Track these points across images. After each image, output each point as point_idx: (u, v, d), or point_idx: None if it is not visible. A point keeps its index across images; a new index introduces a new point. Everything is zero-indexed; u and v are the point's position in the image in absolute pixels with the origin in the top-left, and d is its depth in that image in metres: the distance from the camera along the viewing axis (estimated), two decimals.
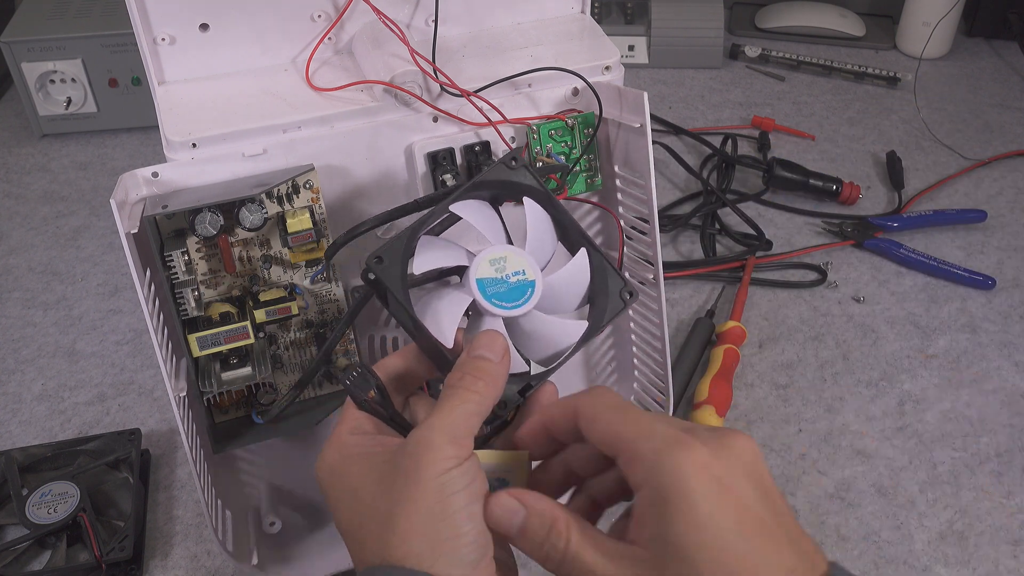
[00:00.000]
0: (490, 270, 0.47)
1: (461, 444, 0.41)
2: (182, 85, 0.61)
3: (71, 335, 0.88)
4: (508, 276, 0.47)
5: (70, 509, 0.67)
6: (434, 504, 0.39)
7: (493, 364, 0.44)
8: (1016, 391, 0.82)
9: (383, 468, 0.42)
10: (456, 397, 0.43)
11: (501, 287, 0.47)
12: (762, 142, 1.11)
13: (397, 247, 0.47)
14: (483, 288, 0.47)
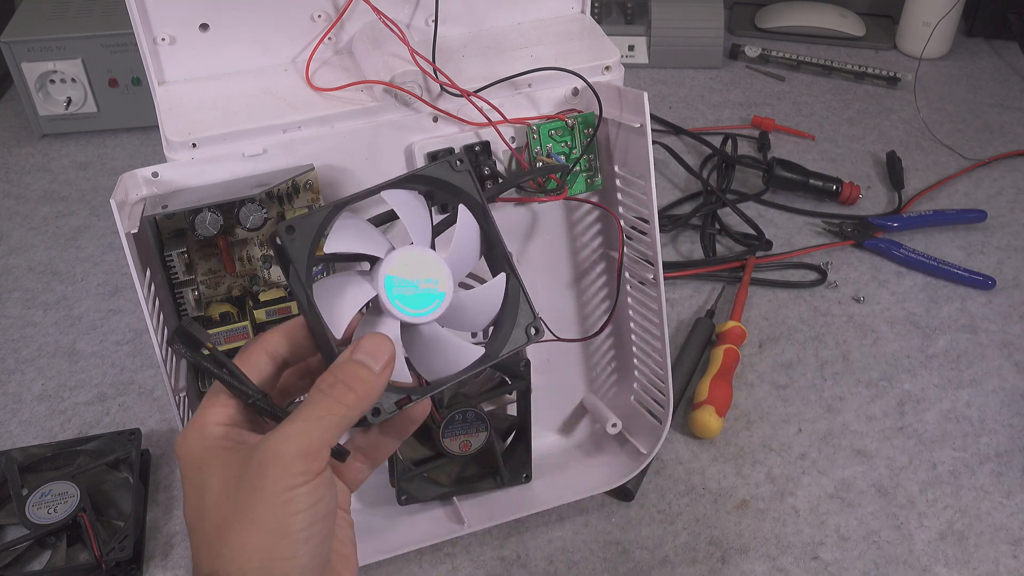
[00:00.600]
0: (403, 269, 0.44)
1: (314, 459, 0.39)
2: (182, 85, 0.61)
3: (71, 335, 0.88)
4: (419, 281, 0.45)
5: (70, 509, 0.67)
6: (274, 521, 0.38)
7: (371, 375, 0.41)
8: (1016, 391, 0.82)
9: (233, 471, 0.40)
10: (321, 406, 0.40)
11: (409, 290, 0.44)
12: (762, 142, 1.11)
13: (313, 221, 0.44)
14: (390, 286, 0.44)
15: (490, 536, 0.70)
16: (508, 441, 0.71)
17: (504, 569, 0.68)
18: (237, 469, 0.40)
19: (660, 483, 0.74)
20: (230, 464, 0.40)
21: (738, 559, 0.69)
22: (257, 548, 0.38)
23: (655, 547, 0.70)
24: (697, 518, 0.71)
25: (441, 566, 0.68)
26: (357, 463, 0.46)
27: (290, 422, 0.40)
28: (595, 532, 0.71)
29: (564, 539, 0.70)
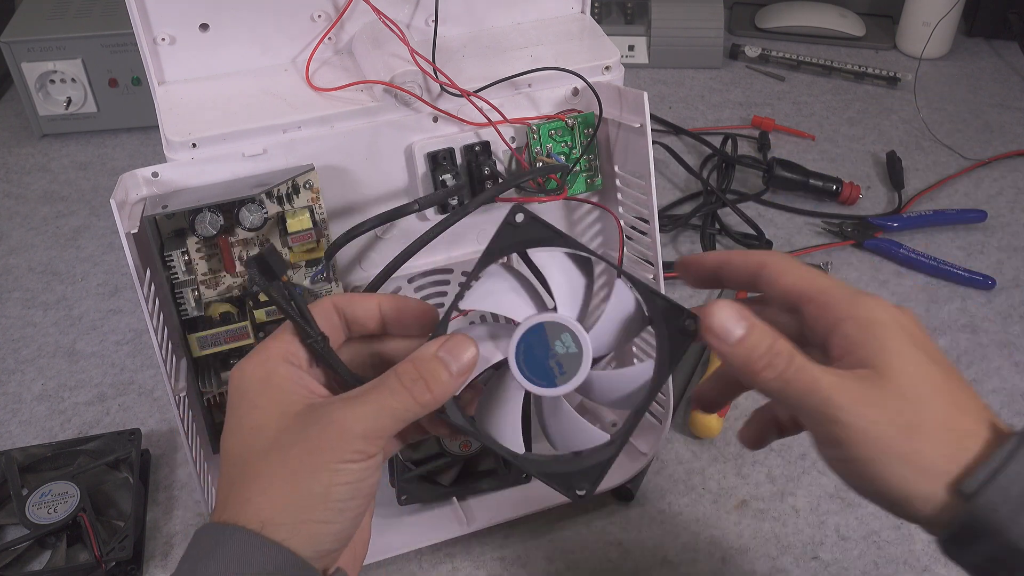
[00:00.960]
0: (540, 336, 0.43)
1: (373, 442, 0.40)
2: (182, 85, 0.61)
3: (71, 335, 0.88)
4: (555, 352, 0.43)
5: (70, 509, 0.67)
6: (318, 485, 0.39)
7: (450, 377, 0.41)
8: (1016, 391, 0.82)
9: (292, 420, 0.40)
10: (396, 396, 0.40)
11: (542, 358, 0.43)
12: (762, 142, 1.11)
13: (540, 231, 0.43)
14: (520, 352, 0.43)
15: (490, 536, 0.70)
16: None
17: (504, 569, 0.68)
18: (296, 420, 0.40)
19: (660, 483, 0.74)
20: (289, 410, 0.40)
21: (738, 559, 0.69)
22: (292, 504, 0.38)
23: (655, 547, 0.70)
24: (697, 518, 0.71)
25: (441, 566, 0.68)
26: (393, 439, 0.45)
27: (363, 402, 0.40)
28: (595, 532, 0.71)
29: (564, 539, 0.70)
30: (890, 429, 0.38)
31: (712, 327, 0.41)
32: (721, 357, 0.42)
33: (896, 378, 0.39)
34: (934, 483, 0.38)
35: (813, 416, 0.39)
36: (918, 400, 0.39)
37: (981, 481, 0.37)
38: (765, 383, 0.40)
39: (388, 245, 0.63)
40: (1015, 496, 0.37)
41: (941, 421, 0.39)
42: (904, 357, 0.40)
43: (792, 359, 0.40)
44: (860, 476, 0.39)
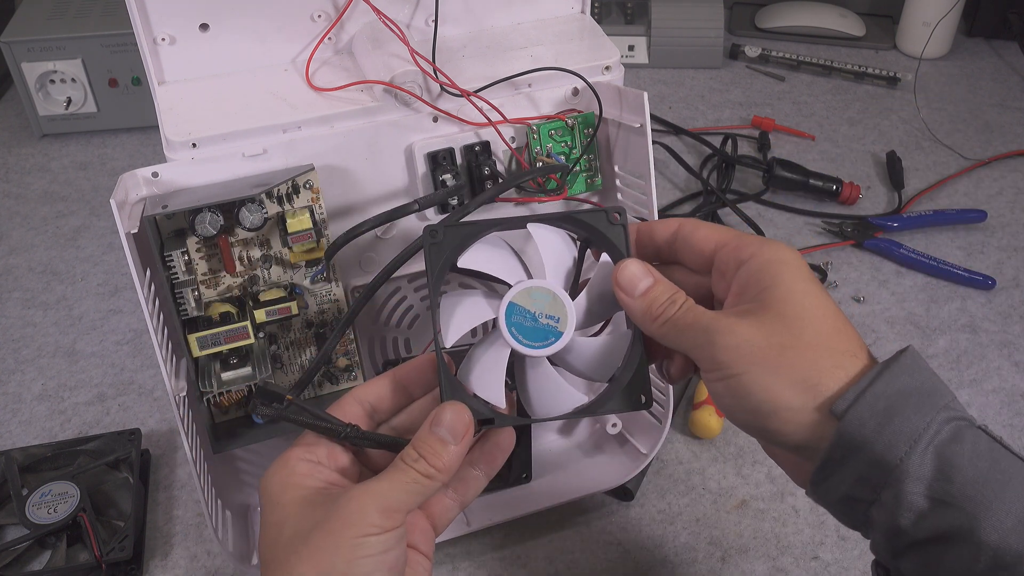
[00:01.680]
0: (528, 300, 0.46)
1: (391, 516, 0.42)
2: (182, 85, 0.61)
3: (71, 335, 0.88)
4: (542, 315, 0.46)
5: (70, 509, 0.67)
6: (340, 562, 0.40)
7: (451, 450, 0.43)
8: (1016, 391, 0.82)
9: (311, 509, 0.42)
10: (407, 476, 0.43)
11: (528, 321, 0.46)
12: (762, 142, 1.11)
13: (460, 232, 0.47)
14: (511, 312, 0.46)
15: (490, 536, 0.70)
16: None
17: (504, 569, 0.68)
18: (318, 512, 0.42)
19: (660, 483, 0.74)
20: (311, 505, 0.43)
21: (738, 559, 0.69)
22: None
23: (655, 547, 0.70)
24: (697, 518, 0.71)
25: (441, 566, 0.68)
26: (446, 499, 0.48)
27: (377, 480, 0.43)
28: (595, 532, 0.71)
29: (564, 539, 0.70)
30: (763, 345, 0.41)
31: (620, 281, 0.45)
32: (626, 308, 0.45)
33: (778, 305, 0.42)
34: (803, 395, 0.40)
35: (695, 346, 0.43)
36: (797, 323, 0.41)
37: (850, 400, 0.39)
38: (659, 327, 0.44)
39: (388, 245, 0.63)
40: (880, 410, 0.39)
41: (817, 343, 0.41)
42: (794, 289, 0.42)
43: (685, 302, 0.44)
44: (734, 393, 0.41)
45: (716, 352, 0.41)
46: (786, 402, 0.40)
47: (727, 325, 0.42)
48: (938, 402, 0.39)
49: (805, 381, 0.40)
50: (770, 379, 0.40)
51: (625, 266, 0.45)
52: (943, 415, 0.39)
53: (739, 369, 0.41)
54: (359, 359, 0.64)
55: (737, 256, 0.44)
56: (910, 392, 0.39)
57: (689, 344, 0.43)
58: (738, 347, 0.41)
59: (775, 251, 0.43)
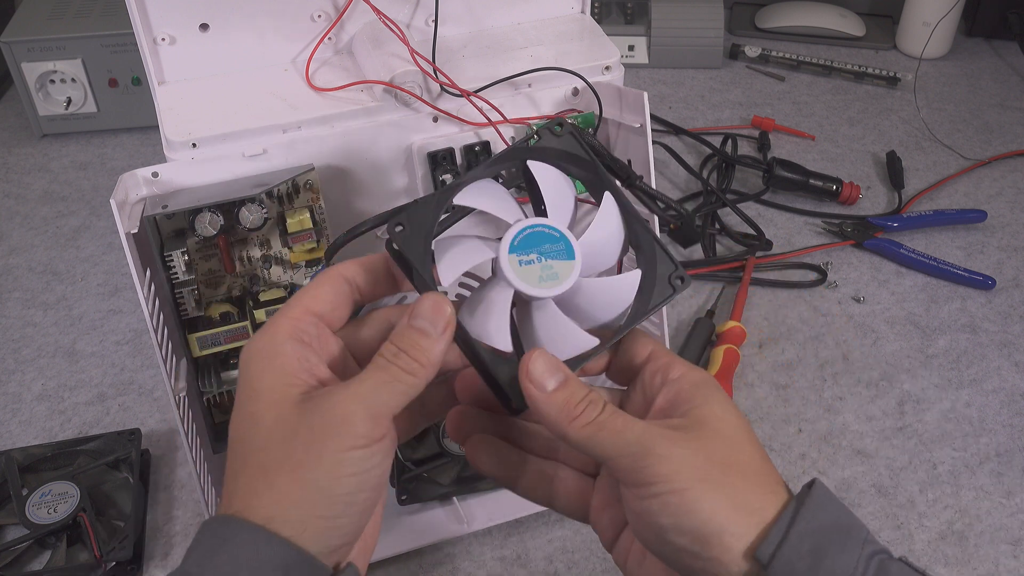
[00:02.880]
0: (530, 240, 0.43)
1: (378, 423, 0.38)
2: (182, 85, 0.61)
3: (71, 335, 0.88)
4: (545, 256, 0.43)
5: (70, 509, 0.67)
6: (323, 478, 0.37)
7: (432, 342, 0.40)
8: (1016, 391, 0.82)
9: (291, 409, 0.38)
10: (387, 374, 0.39)
11: (532, 263, 0.43)
12: (762, 142, 1.11)
13: (424, 215, 0.42)
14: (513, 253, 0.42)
15: (490, 536, 0.70)
16: None
17: (504, 569, 0.68)
18: (301, 415, 0.38)
19: None
20: (294, 405, 0.38)
21: None
22: (299, 501, 0.37)
23: None
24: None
25: (441, 566, 0.68)
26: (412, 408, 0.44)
27: (359, 381, 0.39)
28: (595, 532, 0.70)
29: (564, 539, 0.70)
30: (707, 463, 0.38)
31: (530, 376, 0.40)
32: (535, 406, 0.41)
33: (715, 425, 0.39)
34: (747, 519, 0.38)
35: (626, 455, 0.39)
36: (736, 445, 0.39)
37: (775, 543, 0.37)
38: (577, 431, 0.40)
39: None
40: (807, 552, 0.37)
41: (754, 467, 0.39)
42: (728, 411, 0.40)
43: (605, 406, 0.40)
44: (672, 511, 0.38)
45: (654, 464, 0.38)
46: (732, 525, 0.37)
47: (665, 436, 0.39)
48: (859, 537, 0.38)
49: (747, 505, 0.38)
50: (716, 497, 0.38)
51: (535, 357, 0.41)
52: (867, 550, 0.38)
53: (681, 484, 0.37)
54: None
55: (665, 372, 0.42)
56: (830, 529, 0.37)
57: (616, 452, 0.39)
58: (680, 459, 0.38)
59: (703, 375, 0.42)
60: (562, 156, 0.46)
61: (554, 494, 0.45)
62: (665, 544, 0.39)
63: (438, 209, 0.44)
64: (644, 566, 0.43)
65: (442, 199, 0.44)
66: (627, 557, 0.44)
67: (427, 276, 0.42)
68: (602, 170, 0.46)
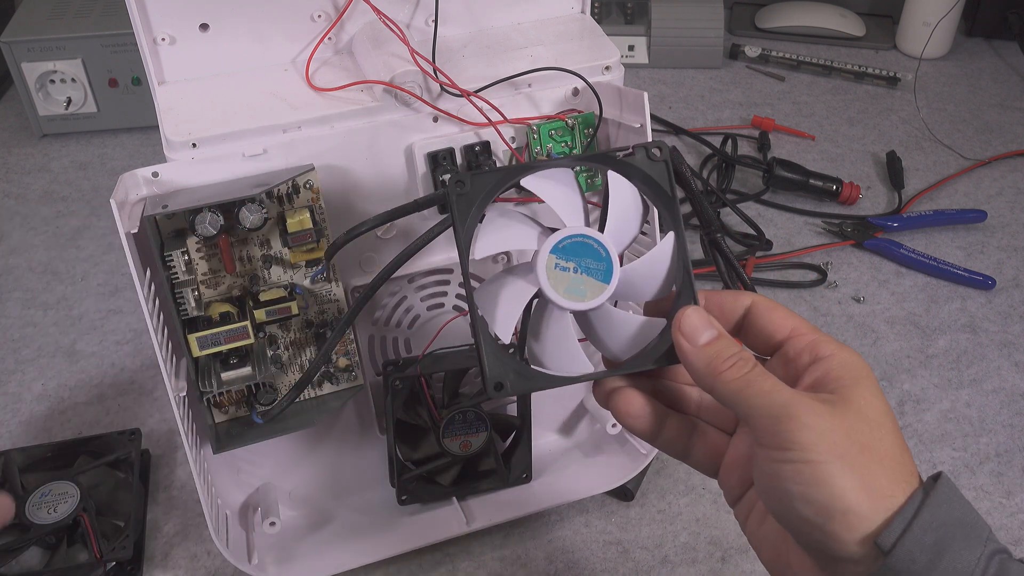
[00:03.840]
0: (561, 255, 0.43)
1: None
2: (182, 85, 0.61)
3: (71, 335, 0.88)
4: (581, 263, 0.43)
5: (70, 509, 0.67)
6: None
7: None
8: (1016, 391, 0.82)
9: None
10: None
11: (572, 275, 0.43)
12: (762, 142, 1.11)
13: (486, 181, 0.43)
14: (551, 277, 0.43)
15: (490, 536, 0.70)
16: (508, 441, 0.71)
17: (504, 569, 0.68)
18: None
19: (660, 483, 0.74)
20: None
21: (738, 559, 0.68)
22: None
23: (655, 547, 0.70)
24: (697, 518, 0.71)
25: (441, 566, 0.68)
26: None
27: None
28: (595, 532, 0.71)
29: (564, 539, 0.70)
30: (847, 440, 0.38)
31: (683, 328, 0.42)
32: (684, 357, 0.42)
33: (862, 408, 0.40)
34: (875, 503, 0.37)
35: (769, 416, 0.39)
36: (879, 429, 0.39)
37: (898, 533, 0.37)
38: (725, 384, 0.41)
39: (388, 245, 0.63)
40: (929, 545, 0.37)
41: (893, 454, 0.39)
42: (874, 397, 0.40)
43: (756, 365, 0.41)
44: (806, 479, 0.38)
45: (795, 430, 0.38)
46: (859, 506, 0.37)
47: (811, 406, 0.39)
48: (981, 535, 0.37)
49: (879, 490, 0.38)
50: (849, 476, 0.38)
51: (689, 311, 0.42)
52: (988, 548, 0.37)
53: (820, 456, 0.38)
54: (359, 359, 0.64)
55: (815, 350, 0.42)
56: (954, 524, 0.37)
57: (758, 412, 0.40)
58: (822, 432, 0.38)
59: (856, 357, 0.42)
60: (647, 180, 0.45)
61: (691, 448, 0.46)
62: (789, 510, 0.39)
63: (503, 182, 0.43)
64: (764, 527, 0.43)
65: (511, 174, 0.44)
66: (748, 515, 0.44)
67: (464, 240, 0.42)
68: (677, 211, 0.45)
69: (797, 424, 0.38)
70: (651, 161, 0.45)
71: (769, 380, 0.40)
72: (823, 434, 0.38)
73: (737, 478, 0.45)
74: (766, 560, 0.44)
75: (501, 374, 0.42)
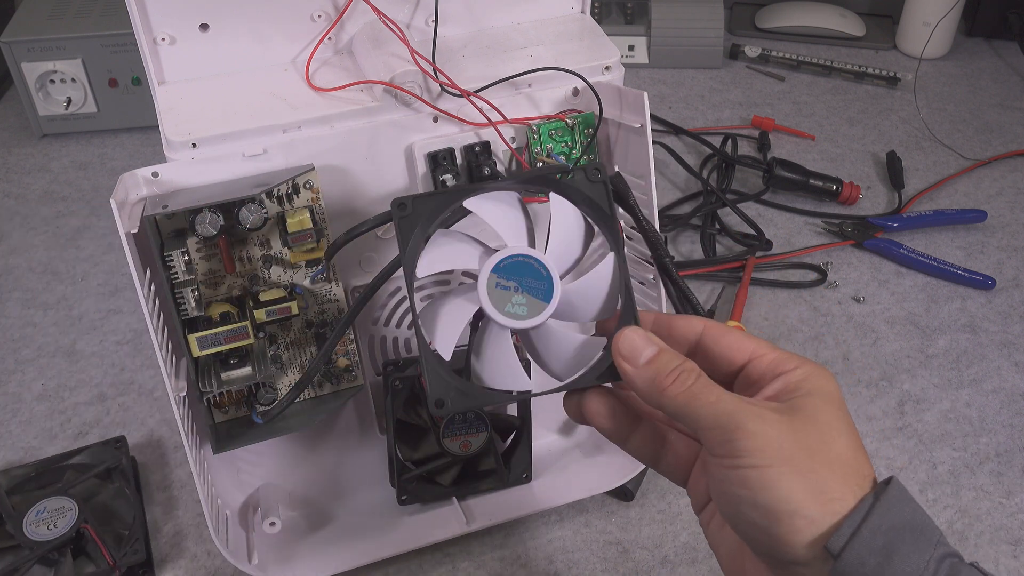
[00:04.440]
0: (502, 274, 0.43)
1: None
2: (182, 85, 0.61)
3: (71, 335, 0.88)
4: (521, 282, 0.43)
5: (71, 523, 0.66)
6: None
7: None
8: (1016, 391, 0.82)
9: None
10: None
11: (513, 294, 0.43)
12: (762, 142, 1.11)
13: (429, 204, 0.44)
14: (492, 295, 0.43)
15: (490, 536, 0.70)
16: (508, 441, 0.71)
17: (504, 569, 0.68)
18: None
19: (660, 483, 0.74)
20: None
21: None
22: None
23: (655, 547, 0.70)
24: (697, 518, 0.71)
25: (441, 566, 0.68)
26: None
27: None
28: (595, 532, 0.71)
29: (564, 539, 0.70)
30: (795, 446, 0.38)
31: (621, 350, 0.42)
32: (627, 379, 0.42)
33: (811, 412, 0.40)
34: (822, 507, 0.37)
35: (716, 427, 0.39)
36: (828, 434, 0.39)
37: (846, 536, 0.37)
38: (672, 398, 0.41)
39: (388, 245, 0.63)
40: (878, 548, 0.37)
41: (844, 458, 0.39)
42: (827, 403, 0.40)
43: (700, 376, 0.41)
44: (751, 484, 0.38)
45: (742, 437, 0.38)
46: (806, 509, 0.37)
47: (757, 412, 0.39)
48: (931, 538, 0.37)
49: (826, 493, 0.38)
50: (796, 480, 0.38)
51: (627, 332, 0.42)
52: (939, 552, 0.37)
53: (765, 461, 0.38)
54: (359, 359, 0.64)
55: (776, 368, 0.42)
56: (904, 528, 0.37)
57: (706, 423, 0.40)
58: (768, 437, 0.38)
59: (819, 369, 0.42)
60: (588, 202, 0.46)
61: (661, 455, 0.46)
62: (739, 515, 0.39)
63: (445, 204, 0.45)
64: (722, 533, 0.43)
65: (452, 197, 0.45)
66: (709, 522, 0.45)
67: (409, 262, 0.44)
68: (617, 231, 0.46)
69: (743, 432, 0.38)
70: (591, 182, 0.45)
71: (715, 390, 0.40)
72: (770, 440, 0.38)
73: (703, 486, 0.45)
74: (725, 567, 0.44)
75: (443, 392, 0.43)
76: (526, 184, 0.47)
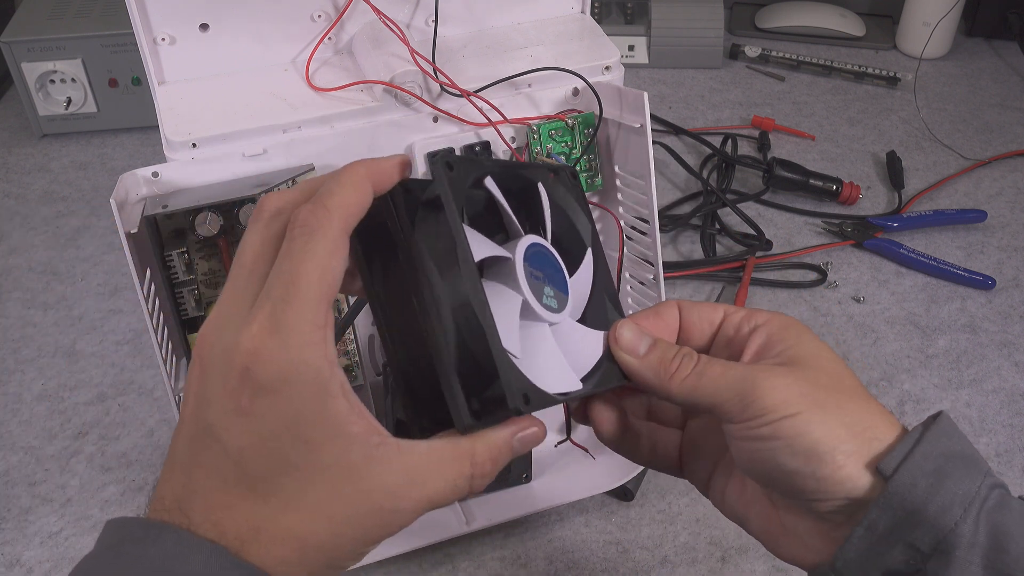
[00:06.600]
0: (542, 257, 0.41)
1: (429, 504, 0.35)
2: (182, 85, 0.61)
3: (71, 335, 0.88)
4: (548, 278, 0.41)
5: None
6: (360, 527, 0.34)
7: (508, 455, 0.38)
8: (1016, 391, 0.82)
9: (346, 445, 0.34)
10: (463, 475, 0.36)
11: (538, 278, 0.40)
12: (762, 142, 1.11)
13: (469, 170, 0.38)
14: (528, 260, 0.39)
15: (490, 536, 0.70)
16: None
17: (504, 569, 0.68)
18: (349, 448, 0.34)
19: (660, 483, 0.74)
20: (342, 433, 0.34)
21: (738, 559, 0.69)
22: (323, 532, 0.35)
23: (655, 547, 0.70)
24: (697, 518, 0.71)
25: (441, 566, 0.68)
26: None
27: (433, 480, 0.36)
28: (595, 532, 0.71)
29: (564, 539, 0.70)
30: (815, 388, 0.39)
31: (621, 344, 0.42)
32: (632, 371, 0.42)
33: (811, 359, 0.40)
34: (857, 438, 0.38)
35: (732, 396, 0.39)
36: (835, 375, 0.40)
37: (899, 459, 0.37)
38: (679, 385, 0.41)
39: None
40: (930, 471, 0.37)
41: (858, 392, 0.40)
42: (821, 349, 0.41)
43: (701, 356, 0.41)
44: (788, 432, 0.38)
45: (762, 397, 0.38)
46: (843, 443, 0.38)
47: (766, 369, 0.39)
48: (981, 468, 0.38)
49: (857, 424, 0.38)
50: (826, 419, 0.38)
51: (621, 329, 0.42)
52: (988, 481, 0.37)
53: (792, 409, 0.38)
54: (359, 359, 0.64)
55: (751, 319, 0.43)
56: (954, 455, 0.38)
57: (721, 396, 0.40)
58: (788, 388, 0.38)
59: (789, 318, 0.42)
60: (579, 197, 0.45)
61: (657, 453, 0.47)
62: (777, 470, 0.39)
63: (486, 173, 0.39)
64: (745, 498, 0.44)
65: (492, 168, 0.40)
66: (724, 494, 0.45)
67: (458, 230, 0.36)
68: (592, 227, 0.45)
69: (761, 390, 0.39)
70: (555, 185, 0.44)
71: (719, 364, 0.41)
72: (790, 390, 0.39)
73: (700, 464, 0.46)
74: (758, 529, 0.44)
75: (524, 385, 0.37)
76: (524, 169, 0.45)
